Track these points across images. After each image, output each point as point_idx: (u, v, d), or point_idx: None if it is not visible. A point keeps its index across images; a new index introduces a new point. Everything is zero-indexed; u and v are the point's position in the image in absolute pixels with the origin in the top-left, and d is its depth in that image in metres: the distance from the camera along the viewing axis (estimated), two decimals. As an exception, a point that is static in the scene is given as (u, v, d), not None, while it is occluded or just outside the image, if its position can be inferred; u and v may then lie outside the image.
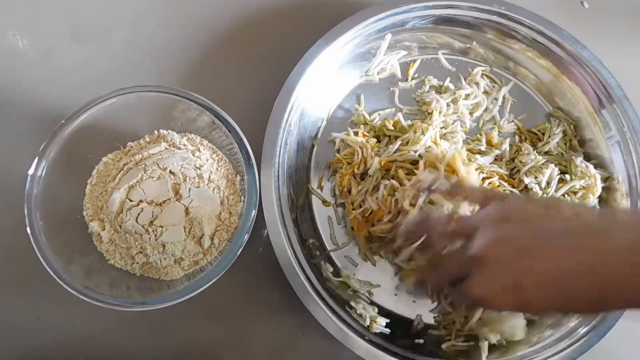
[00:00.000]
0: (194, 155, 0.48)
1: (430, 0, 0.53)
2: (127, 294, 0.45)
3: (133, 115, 0.48)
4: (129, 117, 0.48)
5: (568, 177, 0.51)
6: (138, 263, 0.47)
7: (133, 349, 0.49)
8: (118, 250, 0.47)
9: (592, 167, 0.52)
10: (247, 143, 0.46)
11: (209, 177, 0.47)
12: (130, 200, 0.45)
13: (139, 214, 0.45)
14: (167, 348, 0.49)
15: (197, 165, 0.47)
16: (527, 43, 0.55)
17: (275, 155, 0.49)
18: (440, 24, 0.55)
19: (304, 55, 0.50)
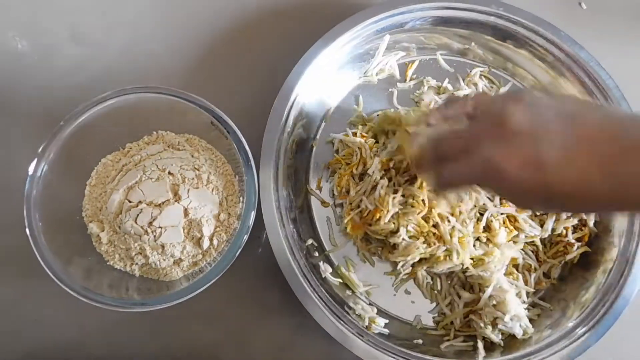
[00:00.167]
0: (193, 156, 0.48)
1: (429, 1, 0.53)
2: (126, 295, 0.45)
3: (132, 116, 0.48)
4: (128, 118, 0.48)
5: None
6: (137, 264, 0.47)
7: (132, 350, 0.49)
8: (117, 251, 0.47)
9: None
10: (245, 144, 0.46)
11: (208, 178, 0.48)
12: (129, 201, 0.45)
13: (138, 215, 0.45)
14: (166, 349, 0.49)
15: (196, 166, 0.48)
16: (525, 44, 0.55)
17: (274, 156, 0.49)
18: (439, 25, 0.55)
19: (303, 56, 0.50)
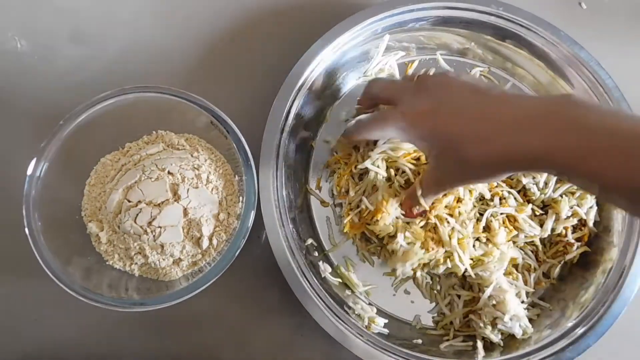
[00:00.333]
0: (193, 156, 0.48)
1: (429, 1, 0.53)
2: (125, 295, 0.45)
3: (131, 116, 0.48)
4: (128, 117, 0.48)
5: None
6: (137, 264, 0.47)
7: (132, 350, 0.49)
8: (117, 251, 0.47)
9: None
10: (245, 144, 0.46)
11: (208, 177, 0.48)
12: (129, 201, 0.45)
13: (138, 215, 0.45)
14: (165, 348, 0.49)
15: (195, 166, 0.48)
16: (524, 44, 0.55)
17: (274, 156, 0.48)
18: (439, 25, 0.55)
19: (303, 56, 0.50)
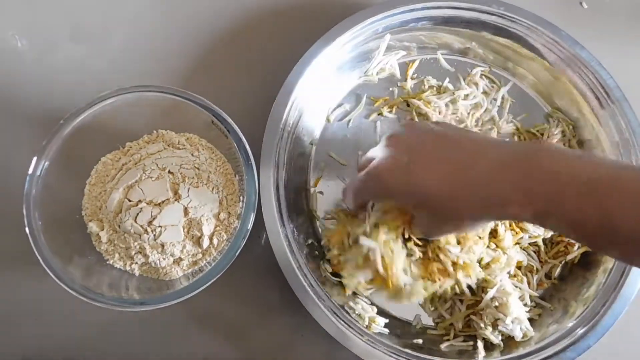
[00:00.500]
0: (193, 155, 0.48)
1: (430, 1, 0.53)
2: (126, 294, 0.45)
3: (132, 115, 0.48)
4: (128, 117, 0.48)
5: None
6: (137, 263, 0.47)
7: (132, 349, 0.49)
8: (117, 251, 0.47)
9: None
10: (246, 143, 0.46)
11: (208, 177, 0.47)
12: (129, 200, 0.45)
13: (138, 214, 0.45)
14: (165, 348, 0.49)
15: (196, 165, 0.47)
16: (525, 44, 0.55)
17: (274, 156, 0.48)
18: (440, 25, 0.55)
19: (303, 56, 0.50)
